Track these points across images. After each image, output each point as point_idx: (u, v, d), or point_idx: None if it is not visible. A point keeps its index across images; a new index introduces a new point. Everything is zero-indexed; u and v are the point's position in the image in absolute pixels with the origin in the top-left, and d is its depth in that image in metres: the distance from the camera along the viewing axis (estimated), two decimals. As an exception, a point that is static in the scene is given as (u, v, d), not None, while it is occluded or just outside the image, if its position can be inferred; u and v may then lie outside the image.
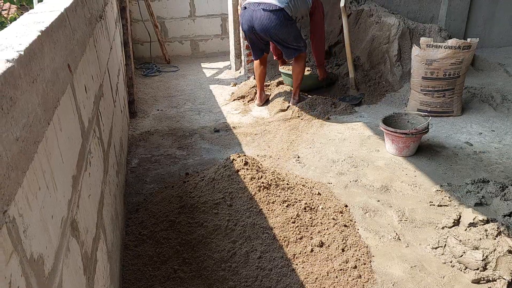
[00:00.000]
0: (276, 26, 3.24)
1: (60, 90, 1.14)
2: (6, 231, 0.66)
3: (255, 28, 3.31)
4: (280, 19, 3.23)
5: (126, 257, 1.91)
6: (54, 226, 0.92)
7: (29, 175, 0.79)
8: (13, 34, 1.03)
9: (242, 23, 3.43)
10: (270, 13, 3.22)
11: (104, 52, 2.31)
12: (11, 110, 0.74)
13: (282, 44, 3.43)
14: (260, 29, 3.29)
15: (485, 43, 5.18)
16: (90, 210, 1.33)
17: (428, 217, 2.23)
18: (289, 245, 1.91)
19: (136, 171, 2.75)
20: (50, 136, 0.98)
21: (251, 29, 3.35)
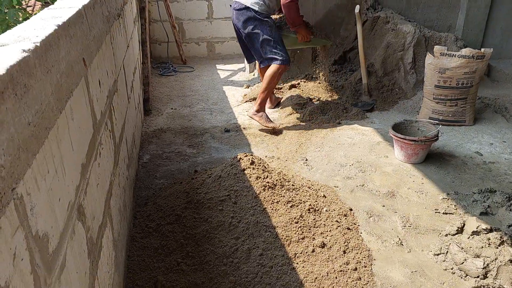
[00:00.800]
0: (243, 25, 3.19)
1: (74, 82, 1.20)
2: (14, 207, 0.71)
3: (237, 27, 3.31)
4: (244, 17, 3.16)
5: (132, 248, 1.96)
6: (61, 208, 0.97)
7: (39, 158, 0.85)
8: (32, 27, 1.09)
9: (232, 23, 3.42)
10: (237, 12, 3.20)
11: (120, 50, 2.39)
12: (25, 96, 0.80)
13: (252, 46, 3.29)
14: (235, 26, 3.30)
15: (503, 54, 5.13)
16: (98, 198, 1.38)
17: (432, 224, 2.24)
18: (291, 244, 1.94)
19: (147, 167, 2.82)
20: (62, 124, 1.03)
21: (235, 27, 3.35)
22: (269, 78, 3.23)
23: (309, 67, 4.48)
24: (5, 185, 0.68)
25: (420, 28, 4.16)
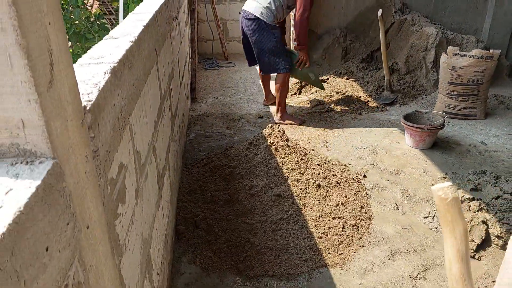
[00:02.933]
0: (251, 33, 3.52)
1: (151, 65, 1.77)
2: (128, 128, 1.27)
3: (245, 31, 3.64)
4: (254, 28, 3.46)
5: (179, 195, 2.54)
6: (145, 142, 1.54)
7: (136, 106, 1.41)
8: (128, 26, 1.67)
9: (240, 28, 3.74)
10: (248, 21, 3.50)
11: (176, 45, 2.98)
12: (131, 68, 1.36)
13: (258, 53, 3.57)
14: (244, 33, 3.64)
15: (530, 57, 5.33)
16: (162, 148, 1.96)
17: (427, 196, 2.66)
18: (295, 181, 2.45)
19: (193, 142, 3.40)
20: (145, 90, 1.60)
21: (243, 33, 3.68)
22: (281, 87, 3.61)
23: (339, 64, 4.92)
24: (125, 115, 1.24)
25: (443, 30, 4.49)
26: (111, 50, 1.30)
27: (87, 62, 1.17)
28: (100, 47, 1.35)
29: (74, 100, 0.80)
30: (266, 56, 3.56)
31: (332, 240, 2.22)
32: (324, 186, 2.54)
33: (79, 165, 0.81)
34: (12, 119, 0.65)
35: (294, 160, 2.64)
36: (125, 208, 1.17)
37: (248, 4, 3.61)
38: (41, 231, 0.62)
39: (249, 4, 3.60)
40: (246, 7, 3.59)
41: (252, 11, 3.48)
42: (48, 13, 0.69)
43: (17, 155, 0.68)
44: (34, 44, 0.64)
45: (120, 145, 1.15)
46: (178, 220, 2.34)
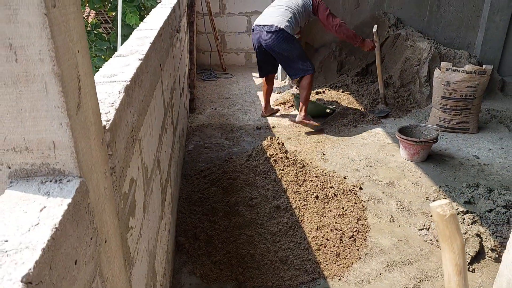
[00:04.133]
0: (278, 45, 3.67)
1: (156, 80, 1.82)
2: (138, 144, 1.32)
3: (263, 46, 3.76)
4: (280, 38, 3.64)
5: (179, 207, 2.58)
6: (151, 155, 1.58)
7: (144, 121, 1.46)
8: (135, 44, 1.73)
9: (253, 42, 3.87)
10: (272, 34, 3.65)
11: (177, 57, 3.04)
12: (141, 86, 1.41)
13: (286, 61, 3.77)
14: (266, 47, 3.75)
15: (521, 72, 5.46)
16: (165, 160, 2.00)
17: (421, 208, 2.72)
18: (293, 193, 2.50)
19: (191, 153, 3.45)
20: (152, 105, 1.65)
21: (260, 47, 3.81)
22: (307, 88, 3.80)
23: (334, 77, 5.01)
24: (136, 130, 1.29)
25: (436, 45, 4.61)
26: (122, 69, 1.35)
27: (100, 81, 1.22)
28: (111, 65, 1.41)
29: (96, 121, 0.85)
30: (296, 61, 3.76)
31: (330, 251, 2.26)
32: (322, 198, 2.59)
33: (100, 182, 0.86)
34: (44, 140, 0.70)
35: (293, 172, 2.69)
36: (135, 221, 1.21)
37: (267, 19, 3.75)
38: (71, 245, 0.66)
39: (267, 19, 3.75)
40: (265, 22, 3.73)
41: (276, 24, 3.65)
42: (77, 42, 0.75)
43: (47, 173, 0.73)
44: (66, 72, 0.69)
45: (132, 161, 1.19)
46: (178, 231, 2.38)
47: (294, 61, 3.77)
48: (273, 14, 3.77)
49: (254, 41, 3.87)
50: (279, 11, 3.77)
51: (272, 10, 3.83)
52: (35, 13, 0.61)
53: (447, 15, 5.18)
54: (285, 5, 3.79)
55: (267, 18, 3.78)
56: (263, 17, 3.83)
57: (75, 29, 0.75)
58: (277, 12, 3.77)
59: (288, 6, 3.78)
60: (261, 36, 3.76)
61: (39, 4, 0.61)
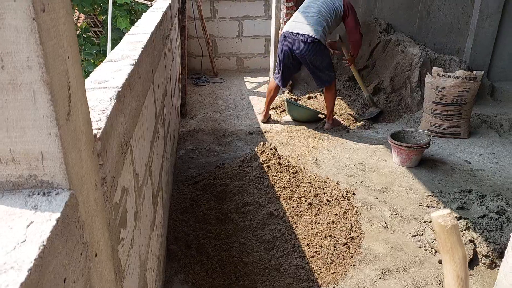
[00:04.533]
0: (312, 56, 3.70)
1: (148, 85, 1.79)
2: (129, 152, 1.28)
3: (295, 53, 3.78)
4: (316, 50, 3.69)
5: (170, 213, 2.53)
6: (142, 163, 1.54)
7: (136, 128, 1.42)
8: (126, 48, 1.69)
9: (283, 48, 3.84)
10: (308, 44, 3.67)
11: (168, 62, 3.00)
12: (132, 92, 1.38)
13: (315, 71, 3.82)
14: (299, 55, 3.76)
15: (509, 77, 5.52)
16: (156, 167, 1.96)
17: (415, 214, 2.71)
18: (286, 200, 2.47)
19: (183, 159, 3.40)
20: (143, 111, 1.61)
21: (291, 54, 3.82)
22: (333, 96, 3.95)
23: (326, 82, 5.01)
24: (127, 138, 1.25)
25: (427, 51, 4.63)
26: (113, 74, 1.31)
27: (91, 87, 1.18)
28: (102, 70, 1.37)
29: (87, 130, 0.82)
30: (323, 71, 3.84)
31: (324, 259, 2.24)
32: (315, 204, 2.57)
33: (90, 193, 0.82)
34: (32, 151, 0.66)
35: (286, 178, 2.67)
36: (126, 232, 1.17)
37: (300, 27, 3.73)
38: (60, 263, 0.63)
39: (301, 27, 3.73)
40: (299, 30, 3.72)
41: (313, 35, 3.67)
42: (67, 47, 0.71)
43: (35, 186, 0.69)
44: (56, 79, 0.65)
45: (123, 169, 1.16)
46: (169, 239, 2.34)
47: (322, 71, 3.84)
48: (307, 22, 3.75)
49: (284, 47, 3.85)
50: (312, 18, 3.74)
51: (305, 17, 3.80)
52: (23, 17, 0.58)
53: (437, 21, 5.23)
54: (317, 12, 3.75)
55: (301, 25, 3.76)
56: (295, 24, 3.81)
57: (65, 34, 0.72)
58: (311, 20, 3.73)
59: (320, 13, 3.74)
60: (294, 44, 3.76)
61: (27, 8, 0.57)
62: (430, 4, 5.15)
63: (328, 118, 4.04)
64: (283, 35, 3.88)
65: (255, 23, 5.99)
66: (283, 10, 4.81)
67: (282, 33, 3.91)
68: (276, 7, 4.91)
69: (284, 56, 3.89)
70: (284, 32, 3.88)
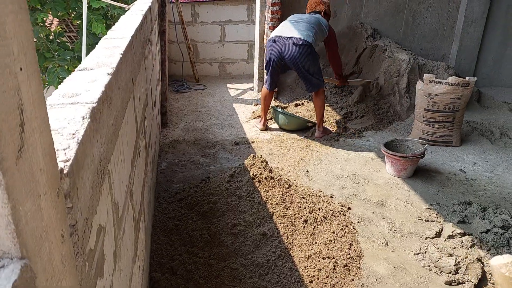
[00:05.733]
0: (304, 59, 3.60)
1: (128, 97, 1.57)
2: (107, 180, 1.06)
3: (285, 58, 3.66)
4: (308, 52, 3.59)
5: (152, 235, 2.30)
6: (123, 189, 1.32)
7: (115, 149, 1.21)
8: (103, 55, 1.47)
9: (271, 53, 3.73)
10: (300, 46, 3.56)
11: (149, 69, 2.78)
12: (110, 106, 1.16)
13: (306, 75, 3.70)
14: (290, 59, 3.63)
15: (494, 82, 5.51)
16: (138, 188, 1.74)
17: (415, 229, 2.56)
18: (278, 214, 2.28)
19: (165, 173, 3.17)
20: (123, 126, 1.40)
21: (280, 59, 3.69)
22: (322, 102, 3.82)
23: (313, 89, 4.86)
24: (104, 163, 1.03)
25: (415, 57, 4.55)
26: (87, 86, 1.10)
27: (59, 103, 0.96)
28: (73, 81, 1.15)
29: (49, 165, 0.60)
30: (314, 76, 3.75)
31: (323, 284, 2.05)
32: (311, 221, 2.39)
33: (54, 252, 0.61)
34: (-39, 210, 0.45)
35: (279, 193, 2.47)
36: (104, 280, 0.95)
37: (291, 32, 3.66)
38: None
39: (292, 31, 3.66)
40: (290, 34, 3.65)
41: (304, 38, 3.59)
42: (19, 56, 0.50)
43: (-32, 259, 0.48)
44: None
45: (100, 204, 0.94)
46: (152, 265, 2.10)
47: (312, 75, 3.75)
48: (296, 28, 3.68)
49: (273, 52, 3.74)
50: (302, 26, 3.70)
51: (294, 25, 3.73)
52: None
53: (423, 26, 5.17)
54: (307, 22, 3.73)
55: (291, 31, 3.68)
56: (285, 29, 3.73)
57: (16, 38, 0.50)
58: (300, 26, 3.70)
59: (309, 22, 3.74)
60: (284, 48, 3.65)
61: None
62: (416, 10, 5.08)
63: (318, 126, 3.89)
64: (271, 40, 3.74)
65: (238, 28, 5.81)
66: (267, 15, 4.64)
67: (271, 38, 3.77)
68: (260, 12, 4.74)
69: (272, 61, 3.76)
70: (273, 37, 3.75)
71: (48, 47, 7.92)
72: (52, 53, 7.91)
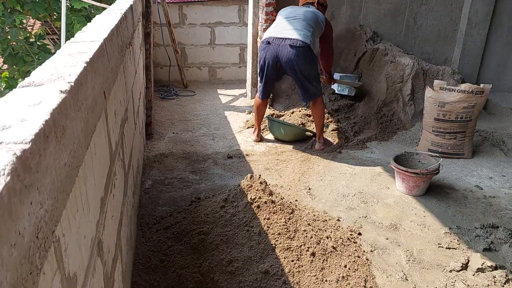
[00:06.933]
0: (302, 62, 3.25)
1: (97, 116, 1.21)
2: (53, 250, 0.72)
3: (281, 62, 3.30)
4: (306, 55, 3.25)
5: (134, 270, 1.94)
6: (86, 246, 0.97)
7: (71, 198, 0.86)
8: (61, 64, 1.11)
9: (266, 57, 3.34)
10: (298, 49, 3.22)
11: (130, 77, 2.42)
12: (63, 138, 0.81)
13: (303, 82, 3.36)
14: (286, 63, 3.26)
15: (498, 88, 5.25)
16: (111, 231, 1.38)
17: (436, 259, 2.24)
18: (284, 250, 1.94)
19: (149, 193, 2.81)
20: (87, 161, 1.04)
21: (276, 62, 3.31)
22: (322, 112, 3.50)
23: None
24: (48, 229, 0.68)
25: (418, 61, 4.26)
26: (25, 112, 0.74)
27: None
28: (7, 104, 0.80)
29: None
30: (311, 83, 3.40)
31: (339, 334, 1.72)
32: (319, 254, 2.05)
33: None
34: None
35: (282, 221, 2.14)
36: None
37: (287, 32, 3.30)
38: None
39: (288, 32, 3.30)
40: (287, 35, 3.28)
41: (302, 39, 3.24)
42: None
43: None
44: None
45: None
46: (134, 313, 1.75)
47: (311, 81, 3.39)
48: (293, 27, 3.31)
49: (267, 55, 3.34)
50: (298, 23, 3.33)
51: (290, 22, 3.35)
52: None
53: (424, 29, 4.90)
54: (303, 18, 3.37)
55: (287, 31, 3.30)
56: (280, 29, 3.35)
57: None
58: (297, 25, 3.32)
59: (305, 19, 3.37)
60: (280, 50, 3.27)
61: None
62: (417, 11, 4.80)
63: (319, 138, 3.56)
64: (265, 42, 3.35)
65: (229, 30, 5.46)
66: (261, 16, 4.31)
67: (265, 39, 3.37)
68: (253, 13, 4.41)
69: (266, 65, 3.37)
70: (267, 38, 3.36)
71: (28, 50, 7.49)
72: (32, 57, 7.49)
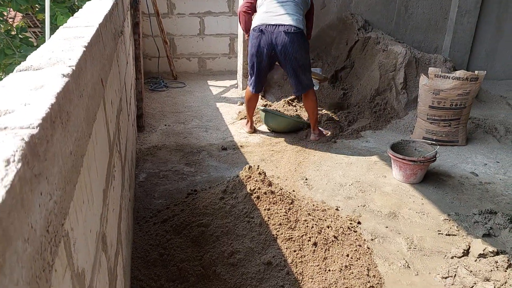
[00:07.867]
0: (297, 49, 3.15)
1: (96, 104, 1.15)
2: (63, 245, 0.66)
3: (276, 49, 3.17)
4: (300, 41, 3.15)
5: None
6: (91, 240, 0.92)
7: (77, 189, 0.80)
8: (59, 48, 1.05)
9: (259, 45, 3.20)
10: (292, 35, 3.11)
11: (122, 67, 2.34)
12: (67, 124, 0.75)
13: (299, 70, 3.25)
14: (282, 50, 3.15)
15: (487, 75, 5.22)
16: (113, 224, 1.33)
17: (437, 246, 2.24)
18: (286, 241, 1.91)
19: (144, 186, 2.74)
20: (90, 150, 0.99)
21: (271, 51, 3.19)
22: (315, 103, 3.42)
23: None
24: (57, 223, 0.63)
25: (411, 49, 4.25)
26: (28, 96, 0.68)
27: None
28: (8, 88, 0.73)
29: None
30: (304, 73, 3.31)
31: (345, 324, 1.69)
32: (321, 244, 2.03)
33: None
34: None
35: (282, 211, 2.10)
36: None
37: (280, 18, 3.16)
38: None
39: (281, 17, 3.16)
40: (279, 21, 3.15)
41: (295, 24, 3.13)
42: None
43: None
44: None
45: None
46: (135, 309, 1.70)
47: (303, 72, 3.29)
48: (284, 11, 3.18)
49: (262, 43, 3.19)
50: (288, 6, 3.20)
51: (280, 5, 3.21)
52: None
53: (415, 17, 4.89)
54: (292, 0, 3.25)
55: (278, 16, 3.17)
56: (271, 15, 3.19)
57: None
58: (288, 8, 3.19)
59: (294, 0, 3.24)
60: (274, 37, 3.14)
61: None
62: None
63: (313, 129, 3.51)
64: (258, 29, 3.21)
65: (218, 20, 5.37)
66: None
67: (256, 27, 3.23)
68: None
69: (260, 54, 3.23)
70: (258, 25, 3.21)
71: (9, 44, 7.29)
72: (14, 50, 7.29)
